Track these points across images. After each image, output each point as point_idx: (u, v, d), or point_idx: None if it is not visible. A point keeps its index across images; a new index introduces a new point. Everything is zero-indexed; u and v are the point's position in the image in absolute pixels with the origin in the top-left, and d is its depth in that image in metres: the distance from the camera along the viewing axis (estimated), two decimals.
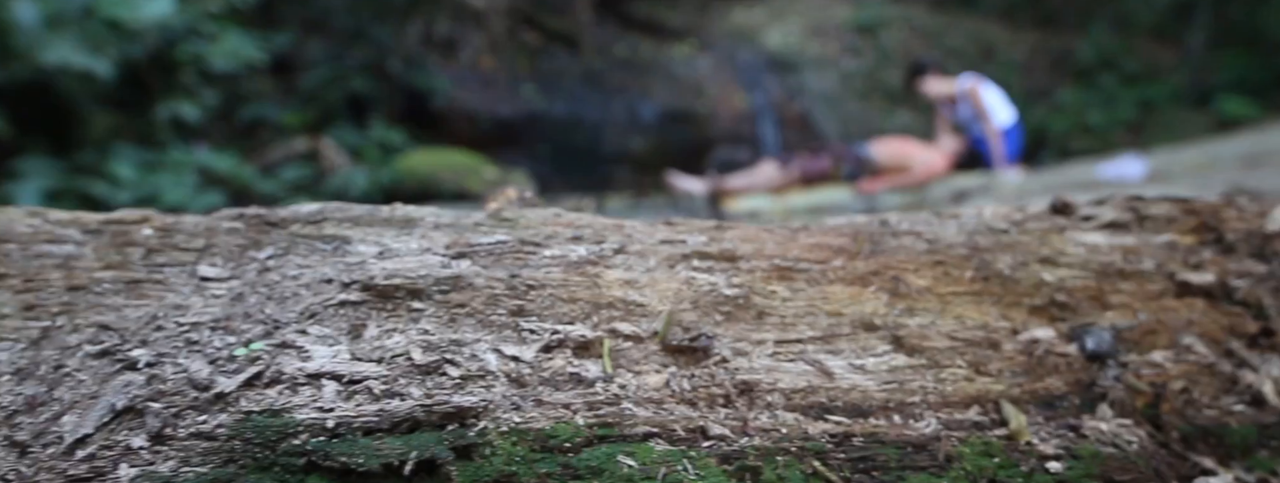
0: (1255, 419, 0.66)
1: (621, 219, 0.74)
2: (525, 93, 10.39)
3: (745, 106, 11.69)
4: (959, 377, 0.64)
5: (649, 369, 0.60)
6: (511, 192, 0.77)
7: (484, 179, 7.12)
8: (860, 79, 12.32)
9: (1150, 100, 9.31)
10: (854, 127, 11.64)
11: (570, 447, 0.52)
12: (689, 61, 12.16)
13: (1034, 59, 12.19)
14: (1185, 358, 0.69)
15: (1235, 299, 0.74)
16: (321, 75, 7.27)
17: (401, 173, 6.21)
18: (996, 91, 7.69)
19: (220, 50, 4.92)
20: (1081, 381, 0.66)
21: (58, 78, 3.61)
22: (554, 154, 10.30)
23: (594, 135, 10.66)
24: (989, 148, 7.32)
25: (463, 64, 9.99)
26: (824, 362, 0.63)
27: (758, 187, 6.97)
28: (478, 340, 0.58)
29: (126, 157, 3.90)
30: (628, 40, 12.29)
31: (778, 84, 12.03)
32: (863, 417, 0.60)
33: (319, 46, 7.77)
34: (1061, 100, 10.54)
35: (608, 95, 11.01)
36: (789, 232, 0.75)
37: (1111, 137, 9.37)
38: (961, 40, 12.67)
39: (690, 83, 11.72)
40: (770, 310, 0.66)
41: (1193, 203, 0.81)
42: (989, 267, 0.72)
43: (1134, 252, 0.76)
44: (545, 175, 10.38)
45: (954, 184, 6.89)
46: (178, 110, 4.43)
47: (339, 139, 6.85)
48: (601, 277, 0.65)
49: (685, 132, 11.21)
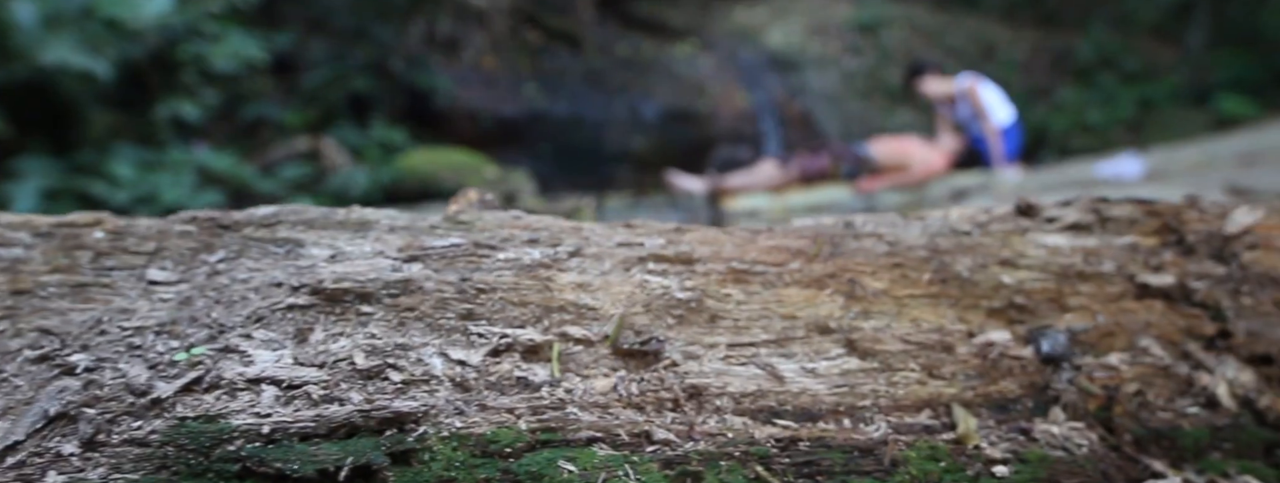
0: (1209, 422, 0.66)
1: (581, 222, 0.74)
2: (527, 92, 10.40)
3: (747, 106, 11.68)
4: (911, 380, 0.64)
5: (597, 373, 0.60)
6: (472, 194, 0.77)
7: (484, 178, 7.13)
8: (861, 78, 12.31)
9: (1150, 99, 9.29)
10: (855, 125, 11.64)
11: (511, 452, 0.52)
12: (690, 61, 12.16)
13: (1034, 58, 12.17)
14: (1141, 360, 0.69)
15: (1194, 301, 0.74)
16: (323, 75, 7.29)
17: (402, 172, 6.22)
18: (995, 90, 7.68)
19: (221, 50, 4.94)
20: (1036, 383, 0.66)
21: (58, 78, 3.62)
22: (556, 153, 10.31)
23: (596, 134, 10.67)
24: (988, 147, 7.32)
25: (465, 63, 10.00)
26: (775, 365, 0.63)
27: (757, 186, 6.97)
28: (425, 345, 0.58)
29: (125, 156, 3.92)
30: (629, 39, 12.29)
31: (779, 83, 12.02)
32: (812, 421, 0.60)
33: (321, 46, 7.79)
34: (1061, 99, 10.53)
35: (609, 95, 11.01)
36: (749, 234, 0.75)
37: (1111, 135, 9.35)
38: (962, 39, 12.65)
39: (692, 82, 11.72)
40: (724, 314, 0.66)
41: (1155, 205, 0.80)
42: (948, 269, 0.72)
43: (1095, 254, 0.76)
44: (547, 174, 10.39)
45: (953, 183, 6.88)
46: (178, 110, 4.44)
47: (341, 138, 6.87)
48: (554, 280, 0.65)
49: (687, 131, 11.21)
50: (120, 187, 3.76)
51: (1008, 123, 7.57)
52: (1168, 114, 9.10)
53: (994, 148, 7.31)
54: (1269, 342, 0.71)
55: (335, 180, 5.67)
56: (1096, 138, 9.37)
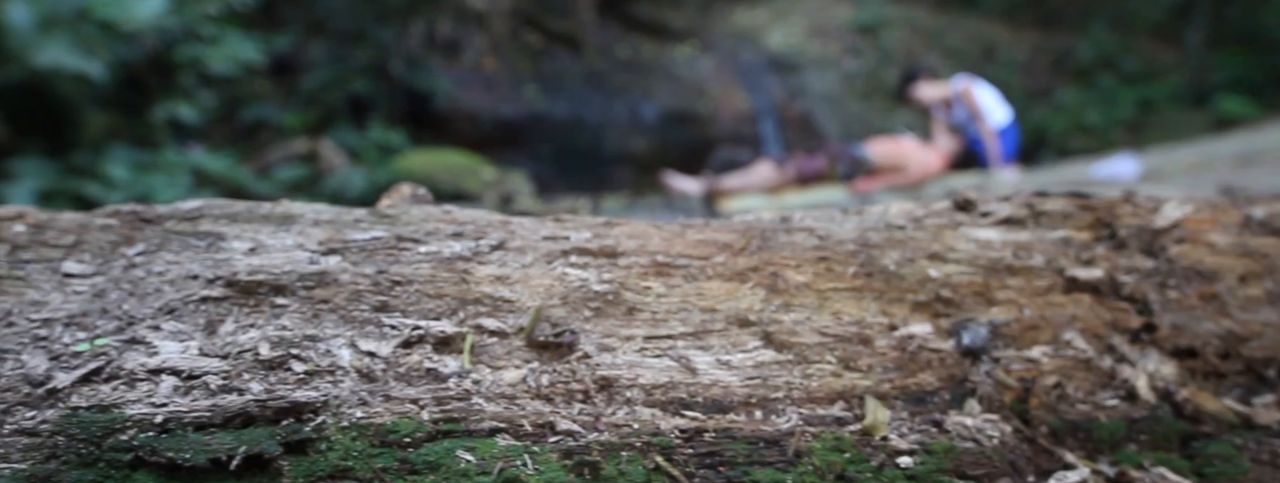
0: (1126, 414, 0.66)
1: (511, 216, 0.75)
2: (527, 94, 10.42)
3: (747, 107, 11.69)
4: (826, 372, 0.65)
5: (509, 365, 0.61)
6: (405, 188, 0.78)
7: (482, 180, 7.14)
8: (862, 79, 12.30)
9: (1149, 100, 9.26)
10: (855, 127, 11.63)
11: (411, 442, 0.53)
12: (691, 62, 12.17)
13: (1035, 59, 12.15)
14: (1063, 353, 0.69)
15: (1122, 295, 0.74)
16: (323, 77, 7.31)
17: (398, 174, 6.24)
18: (991, 91, 7.68)
19: (218, 53, 4.96)
20: (955, 376, 0.67)
21: (54, 80, 3.65)
22: (556, 155, 10.33)
23: (596, 136, 10.68)
24: (985, 148, 7.31)
25: (465, 65, 10.03)
26: (690, 358, 0.63)
27: (753, 187, 6.97)
28: (335, 336, 0.59)
29: (120, 157, 3.94)
30: (630, 41, 12.31)
31: (779, 84, 12.03)
32: (722, 413, 0.61)
33: (321, 48, 7.81)
34: (1061, 100, 10.50)
35: (610, 96, 11.03)
36: (679, 228, 0.76)
37: (1110, 136, 9.33)
38: (962, 40, 12.64)
39: (692, 83, 11.73)
40: (643, 306, 0.66)
41: (1090, 199, 0.81)
42: (874, 263, 0.73)
43: (1026, 248, 0.76)
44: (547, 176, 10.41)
45: (949, 184, 6.87)
46: (175, 112, 4.46)
47: (340, 140, 6.89)
48: (472, 273, 0.66)
49: (687, 132, 11.22)
50: (115, 188, 3.78)
51: (1004, 124, 7.56)
52: (1167, 115, 9.07)
53: (990, 149, 7.30)
54: (1193, 335, 0.71)
55: (332, 182, 5.69)
56: (1096, 139, 9.35)
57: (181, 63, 4.65)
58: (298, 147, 6.09)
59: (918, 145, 7.18)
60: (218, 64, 4.72)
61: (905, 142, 7.26)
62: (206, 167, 4.39)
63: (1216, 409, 0.67)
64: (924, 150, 7.05)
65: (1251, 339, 0.71)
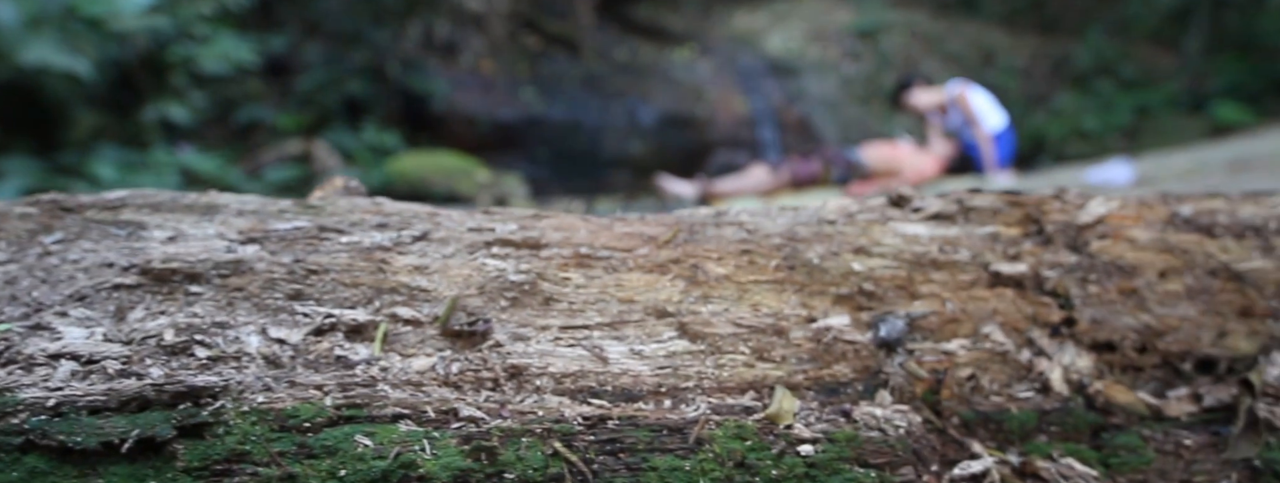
0: (1039, 406, 0.66)
1: (439, 208, 0.76)
2: (525, 96, 10.44)
3: (745, 111, 11.71)
4: (738, 363, 0.65)
5: (420, 353, 0.61)
6: (338, 181, 0.79)
7: (476, 182, 7.16)
8: (860, 84, 12.32)
9: (1147, 106, 9.28)
10: (854, 131, 11.64)
11: (310, 427, 0.53)
12: (689, 66, 12.19)
13: (1034, 64, 12.17)
14: (981, 346, 0.70)
15: (1045, 289, 0.74)
16: (317, 78, 7.33)
17: (392, 175, 6.25)
18: (986, 96, 7.69)
19: (211, 52, 4.97)
20: (869, 367, 0.67)
21: (43, 78, 3.66)
22: (553, 158, 10.35)
23: (593, 139, 10.70)
24: (980, 152, 7.32)
25: (463, 67, 10.05)
26: (604, 347, 0.64)
27: (747, 190, 6.98)
28: (247, 324, 0.60)
29: (108, 157, 3.96)
30: (628, 44, 12.33)
31: (778, 88, 12.05)
32: (630, 401, 0.61)
33: (317, 49, 7.83)
34: (1058, 105, 10.52)
35: (607, 99, 11.05)
36: (608, 221, 0.76)
37: (1107, 142, 9.34)
38: (962, 45, 12.66)
39: (690, 87, 11.75)
40: (560, 297, 0.67)
41: (1019, 195, 0.81)
42: (798, 256, 0.73)
43: (952, 242, 0.77)
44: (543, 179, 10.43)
45: (943, 188, 6.86)
46: (166, 111, 4.48)
47: (334, 142, 6.90)
48: (391, 262, 0.66)
49: (684, 136, 11.24)
50: (102, 187, 3.79)
51: (999, 129, 7.57)
52: (1164, 121, 9.08)
53: (986, 153, 7.31)
54: (1112, 329, 0.72)
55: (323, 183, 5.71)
56: (1093, 144, 9.36)
57: (173, 62, 4.66)
58: (291, 148, 6.11)
59: (913, 150, 7.19)
60: (210, 64, 4.74)
61: (900, 146, 7.28)
62: (196, 167, 4.40)
63: (1128, 402, 0.67)
64: (919, 155, 7.07)
65: (1168, 333, 0.72)
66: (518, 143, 10.08)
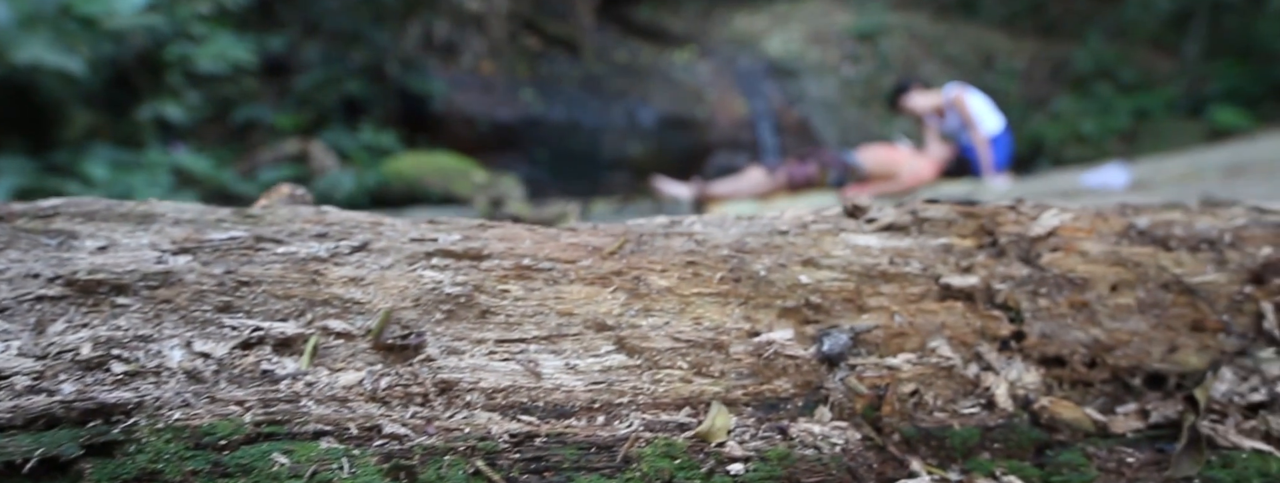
0: (983, 422, 0.65)
1: (384, 217, 0.75)
2: (524, 97, 10.43)
3: (744, 113, 11.70)
4: (675, 378, 0.64)
5: (349, 367, 0.60)
6: (284, 188, 0.78)
7: (473, 183, 7.15)
8: (860, 86, 12.31)
9: (1145, 109, 9.25)
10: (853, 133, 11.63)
11: (226, 444, 0.53)
12: (689, 67, 12.19)
13: (1034, 67, 12.15)
14: (926, 361, 0.69)
15: (996, 302, 0.73)
16: (315, 78, 7.33)
17: (388, 176, 6.25)
18: (983, 99, 7.68)
19: (207, 52, 4.98)
20: (811, 383, 0.66)
21: (38, 77, 3.67)
22: (552, 159, 10.34)
23: (592, 140, 10.69)
24: (977, 156, 7.31)
25: (462, 68, 10.05)
26: (538, 362, 0.63)
27: (743, 192, 6.98)
28: (172, 337, 0.59)
29: (100, 156, 3.96)
30: (628, 45, 12.33)
31: (777, 90, 12.04)
32: (562, 417, 0.61)
33: (316, 48, 7.83)
34: (1057, 109, 10.50)
35: (607, 100, 11.04)
36: (555, 231, 0.76)
37: (1105, 145, 9.32)
38: (962, 48, 12.64)
39: (690, 88, 11.75)
40: (497, 309, 0.66)
41: (974, 207, 0.80)
42: (745, 268, 0.72)
43: (904, 254, 0.76)
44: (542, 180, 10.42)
45: (940, 191, 6.88)
46: (161, 111, 4.48)
47: (332, 142, 6.90)
48: (326, 274, 0.66)
49: (684, 137, 11.23)
50: (94, 187, 3.79)
51: (996, 131, 7.56)
52: (1163, 125, 9.06)
53: (983, 156, 7.30)
54: (1061, 343, 0.71)
55: (320, 184, 5.70)
56: (1092, 148, 9.34)
57: (170, 62, 4.66)
58: (289, 148, 6.11)
59: (910, 153, 7.18)
60: (207, 63, 4.74)
61: (898, 149, 7.27)
62: (189, 167, 4.40)
63: (1074, 418, 0.66)
64: (916, 158, 7.06)
65: (1118, 348, 0.71)
66: (517, 144, 10.08)
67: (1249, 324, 0.72)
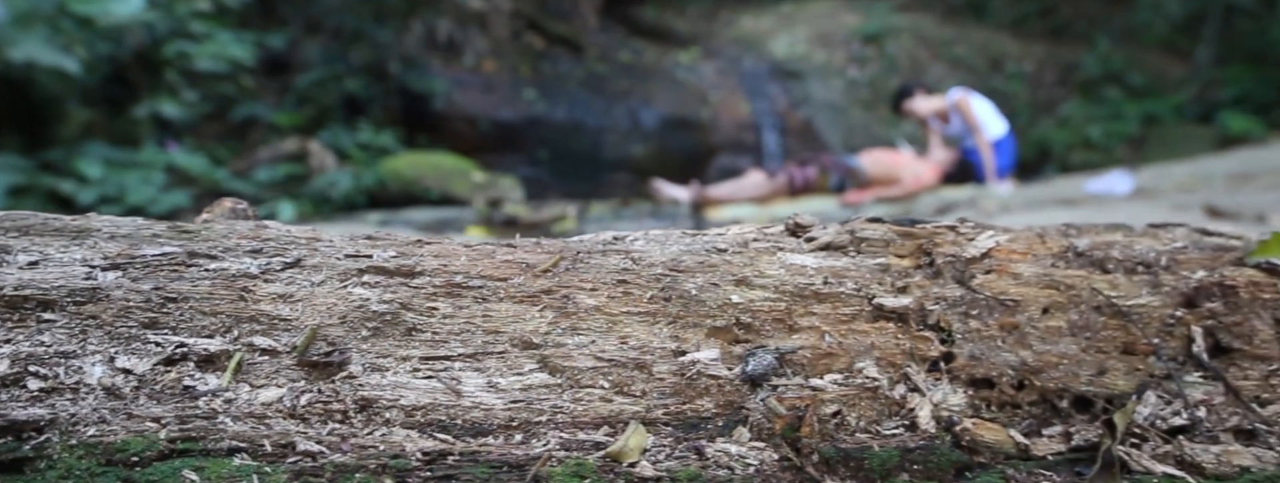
0: (903, 443, 0.66)
1: (323, 232, 0.76)
2: (527, 97, 10.45)
3: (748, 114, 11.69)
4: (596, 397, 0.65)
5: (271, 384, 0.61)
6: (227, 202, 0.79)
7: (471, 183, 7.17)
8: (866, 88, 12.28)
9: (1155, 115, 9.20)
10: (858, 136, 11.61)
11: (139, 460, 0.54)
12: (693, 68, 12.18)
13: (1042, 71, 12.09)
14: (852, 382, 0.69)
15: (928, 323, 0.74)
16: (316, 76, 7.37)
17: (385, 175, 6.28)
18: (987, 104, 7.66)
19: (206, 50, 5.01)
20: (733, 403, 0.67)
21: (34, 75, 3.70)
22: (553, 159, 10.36)
23: (595, 140, 10.70)
24: (980, 160, 7.30)
25: (465, 67, 10.07)
26: (460, 380, 0.64)
27: (743, 196, 6.97)
28: (94, 353, 0.60)
29: (95, 155, 3.99)
30: (632, 45, 12.33)
31: (782, 92, 12.03)
32: (479, 435, 0.61)
33: (318, 47, 7.87)
34: (1066, 113, 10.45)
35: (610, 101, 11.05)
36: (491, 248, 0.76)
37: (1114, 151, 9.26)
38: (969, 51, 12.60)
39: (693, 89, 11.74)
40: (424, 327, 0.67)
41: (912, 227, 0.81)
42: (676, 287, 0.73)
43: (839, 274, 0.77)
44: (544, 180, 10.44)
45: (942, 196, 6.87)
46: (158, 109, 4.51)
47: (332, 141, 6.94)
48: (255, 290, 0.67)
49: (687, 139, 11.23)
50: (88, 185, 3.83)
51: (1000, 136, 7.55)
52: (1172, 130, 9.01)
53: (986, 160, 7.28)
54: (990, 365, 0.72)
55: (317, 183, 5.73)
56: (1099, 153, 9.29)
57: (168, 60, 4.69)
58: (288, 146, 6.14)
59: (912, 158, 7.17)
60: (205, 62, 4.77)
61: (900, 154, 7.26)
62: (184, 165, 4.43)
63: (996, 440, 0.67)
64: (918, 163, 7.05)
65: (1047, 370, 0.71)
66: (518, 143, 10.10)
67: (1179, 348, 0.73)
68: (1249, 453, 0.63)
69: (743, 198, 6.75)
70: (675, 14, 13.55)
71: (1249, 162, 6.68)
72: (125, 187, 3.93)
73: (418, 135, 8.55)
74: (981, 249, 0.77)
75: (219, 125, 6.17)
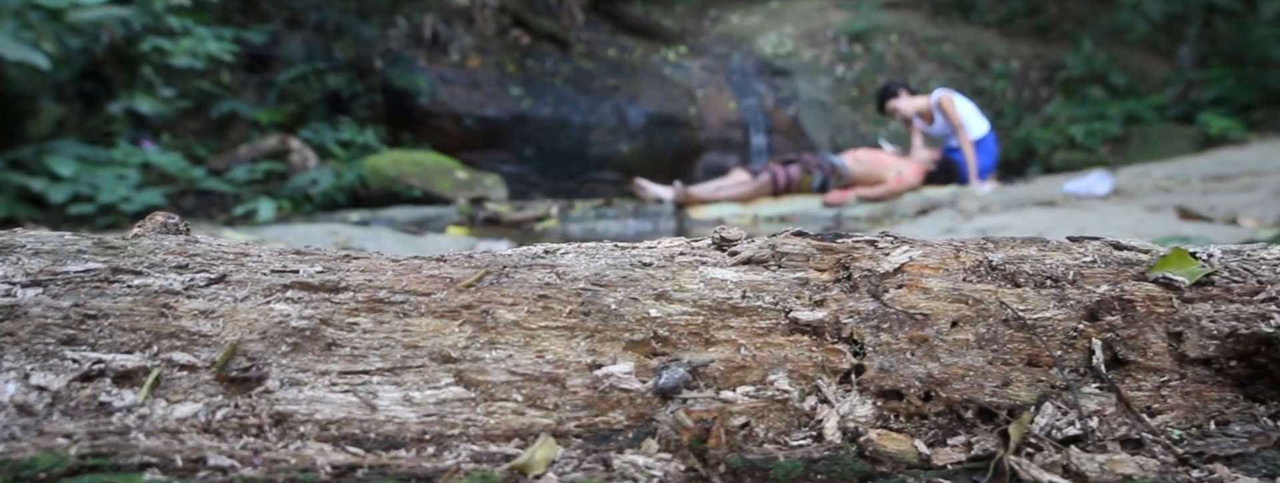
0: (809, 454, 0.68)
1: (252, 247, 0.77)
2: (512, 93, 10.43)
3: (735, 112, 11.71)
4: (509, 410, 0.67)
5: (188, 399, 0.63)
6: (159, 217, 0.81)
7: (455, 180, 7.16)
8: (853, 86, 12.33)
9: (1137, 115, 9.28)
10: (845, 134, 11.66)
11: (47, 477, 0.55)
12: (680, 65, 12.19)
13: (1028, 70, 12.17)
14: (763, 394, 0.71)
15: (842, 337, 0.76)
16: (298, 72, 7.33)
17: (367, 173, 6.26)
18: (970, 104, 7.71)
19: (183, 46, 4.98)
20: (644, 415, 0.69)
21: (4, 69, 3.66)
22: (540, 156, 10.35)
23: (581, 138, 10.70)
24: (963, 159, 7.35)
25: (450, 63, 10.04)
26: (377, 393, 0.66)
27: (726, 195, 7.00)
28: (9, 370, 0.61)
29: (67, 152, 3.97)
30: (618, 42, 12.32)
31: (769, 89, 12.05)
32: (391, 448, 0.63)
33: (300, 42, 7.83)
34: (1050, 113, 10.52)
35: (596, 97, 11.04)
36: (418, 263, 0.78)
37: (1096, 151, 9.34)
38: (956, 49, 12.67)
39: (680, 87, 11.75)
40: (344, 342, 0.69)
41: (832, 242, 0.83)
42: (596, 301, 0.75)
43: (759, 288, 0.79)
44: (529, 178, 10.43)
45: (924, 195, 6.92)
46: (134, 105, 4.48)
47: (314, 138, 6.91)
48: (176, 306, 0.68)
49: (674, 136, 11.25)
50: (60, 183, 3.80)
51: (982, 137, 7.60)
52: (1154, 131, 9.09)
53: (969, 158, 7.34)
54: (899, 377, 0.74)
55: (297, 181, 5.71)
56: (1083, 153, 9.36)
57: (144, 55, 4.66)
58: (268, 144, 6.12)
59: (896, 157, 7.22)
60: (183, 57, 4.74)
61: (883, 153, 7.30)
62: (159, 163, 4.41)
63: (898, 450, 0.69)
64: (901, 163, 7.10)
65: (953, 382, 0.74)
66: (504, 141, 10.08)
67: (1080, 360, 0.75)
68: (1133, 462, 0.66)
69: (726, 197, 6.78)
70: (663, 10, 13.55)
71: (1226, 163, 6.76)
72: (98, 185, 3.91)
73: (402, 132, 8.53)
74: (895, 264, 0.79)
75: (198, 122, 6.14)
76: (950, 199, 6.45)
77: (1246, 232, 4.00)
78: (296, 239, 3.76)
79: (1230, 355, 0.72)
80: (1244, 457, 0.67)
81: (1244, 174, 6.27)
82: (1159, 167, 6.94)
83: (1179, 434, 0.69)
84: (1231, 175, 6.30)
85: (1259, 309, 0.72)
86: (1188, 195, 5.50)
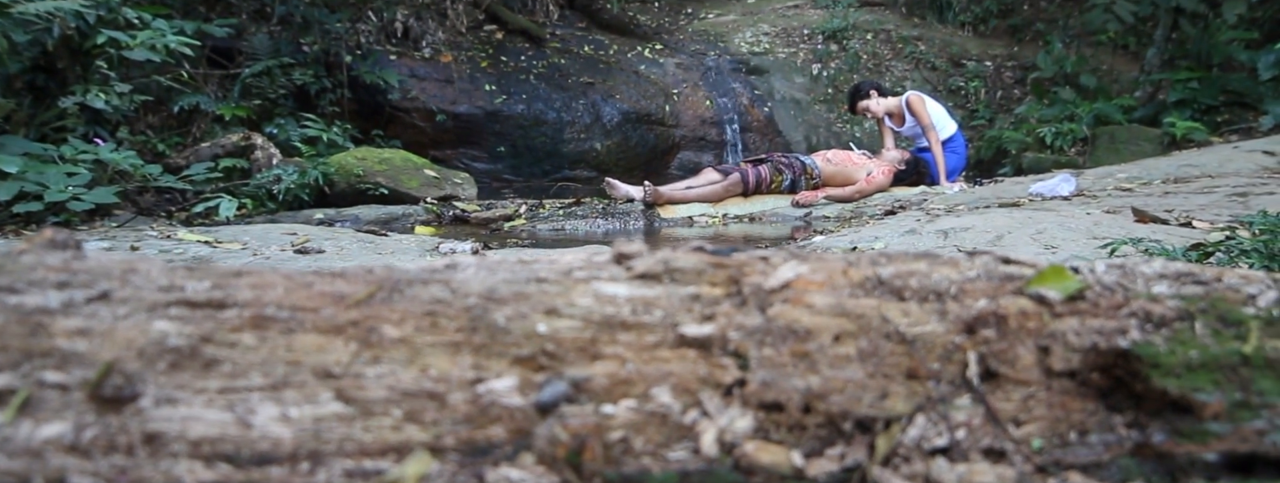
0: (684, 467, 0.70)
1: (141, 263, 0.77)
2: (485, 90, 10.37)
3: (711, 110, 11.74)
4: (386, 426, 0.68)
5: (57, 419, 0.63)
6: (48, 232, 0.80)
7: (423, 178, 7.11)
8: (828, 84, 12.41)
9: (1106, 116, 9.43)
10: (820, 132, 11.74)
11: None
12: (656, 62, 12.19)
13: (1002, 71, 12.32)
14: (644, 408, 0.73)
15: (728, 351, 0.78)
16: (263, 66, 7.24)
17: (333, 171, 6.21)
18: (939, 105, 7.80)
19: (141, 39, 4.89)
20: (524, 430, 0.70)
21: None
22: (513, 153, 10.31)
23: (555, 135, 10.67)
24: (933, 160, 7.44)
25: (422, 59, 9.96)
26: (254, 411, 0.67)
27: (696, 195, 7.02)
28: None
29: (13, 148, 3.89)
30: (593, 39, 12.29)
31: (745, 88, 12.09)
32: (264, 465, 0.64)
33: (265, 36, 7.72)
34: (1022, 113, 10.66)
35: (571, 94, 11.01)
36: (311, 278, 0.79)
37: (1064, 152, 9.48)
38: (931, 49, 12.79)
39: (656, 84, 11.76)
40: (223, 359, 0.69)
41: (727, 258, 0.85)
42: (485, 317, 0.76)
43: (649, 303, 0.80)
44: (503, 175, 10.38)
45: (894, 195, 6.98)
46: (86, 100, 4.40)
47: (279, 134, 6.83)
48: (52, 325, 0.68)
49: (648, 134, 11.25)
50: (4, 180, 3.73)
51: (950, 136, 7.70)
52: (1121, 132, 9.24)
53: (938, 158, 7.42)
54: (780, 390, 0.76)
55: (260, 179, 5.65)
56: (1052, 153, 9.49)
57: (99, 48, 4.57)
58: (231, 140, 6.04)
59: (866, 158, 7.28)
60: (140, 51, 4.66)
61: (854, 153, 7.37)
62: (112, 160, 4.33)
63: (772, 461, 0.71)
64: (871, 163, 7.16)
65: (833, 394, 0.76)
66: (476, 138, 10.03)
67: (956, 373, 0.78)
68: (993, 472, 0.68)
69: (696, 196, 6.80)
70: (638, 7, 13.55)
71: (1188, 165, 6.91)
72: (46, 182, 3.84)
73: (371, 129, 8.45)
74: (781, 280, 0.81)
75: (159, 117, 6.05)
76: (919, 199, 6.53)
77: (1198, 234, 4.10)
78: (254, 238, 3.72)
79: (1092, 368, 0.74)
80: (1099, 465, 0.70)
81: (1203, 176, 6.41)
82: (1123, 168, 7.07)
83: (1040, 444, 0.72)
84: (1191, 177, 6.44)
85: (1120, 324, 0.75)
86: (1148, 197, 5.61)
